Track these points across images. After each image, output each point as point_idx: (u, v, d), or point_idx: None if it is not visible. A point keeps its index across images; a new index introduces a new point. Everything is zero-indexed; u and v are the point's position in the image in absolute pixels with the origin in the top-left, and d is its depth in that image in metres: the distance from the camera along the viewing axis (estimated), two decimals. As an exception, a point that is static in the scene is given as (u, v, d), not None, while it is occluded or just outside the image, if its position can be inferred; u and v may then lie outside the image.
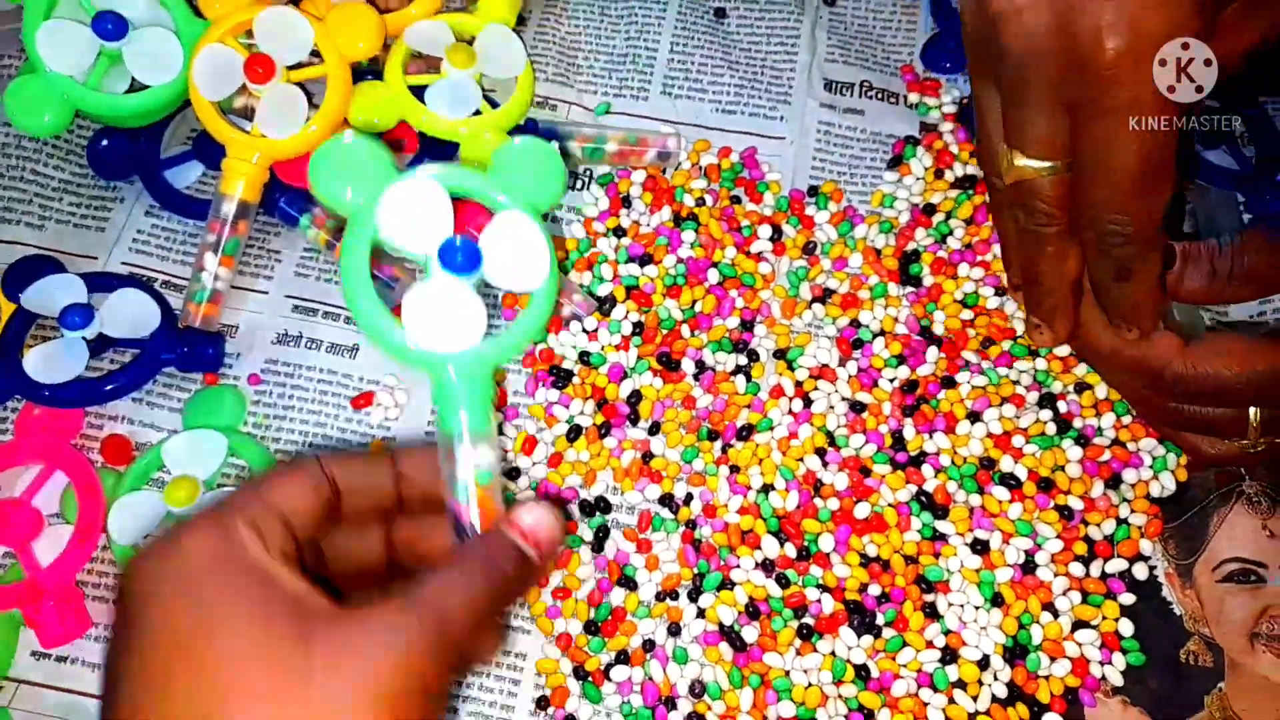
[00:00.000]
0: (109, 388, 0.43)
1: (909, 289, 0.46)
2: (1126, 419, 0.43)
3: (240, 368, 0.45)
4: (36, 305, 0.43)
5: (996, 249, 0.46)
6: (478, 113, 0.45)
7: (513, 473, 0.43)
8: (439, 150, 0.46)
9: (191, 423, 0.43)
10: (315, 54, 0.44)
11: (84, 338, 0.42)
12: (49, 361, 0.42)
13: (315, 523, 0.27)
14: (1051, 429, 0.43)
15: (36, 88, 0.43)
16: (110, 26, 0.43)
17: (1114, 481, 0.42)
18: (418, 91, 0.45)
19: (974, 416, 0.43)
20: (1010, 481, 0.42)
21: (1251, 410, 0.36)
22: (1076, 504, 0.42)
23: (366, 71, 0.47)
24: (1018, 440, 0.43)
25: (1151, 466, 0.42)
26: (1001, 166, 0.35)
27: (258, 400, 0.44)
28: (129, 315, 0.43)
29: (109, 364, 0.44)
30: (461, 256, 0.27)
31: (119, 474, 0.42)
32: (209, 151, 0.46)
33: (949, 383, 0.44)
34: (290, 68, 0.44)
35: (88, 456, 0.42)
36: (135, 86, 0.45)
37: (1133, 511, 0.42)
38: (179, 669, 0.22)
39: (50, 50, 0.43)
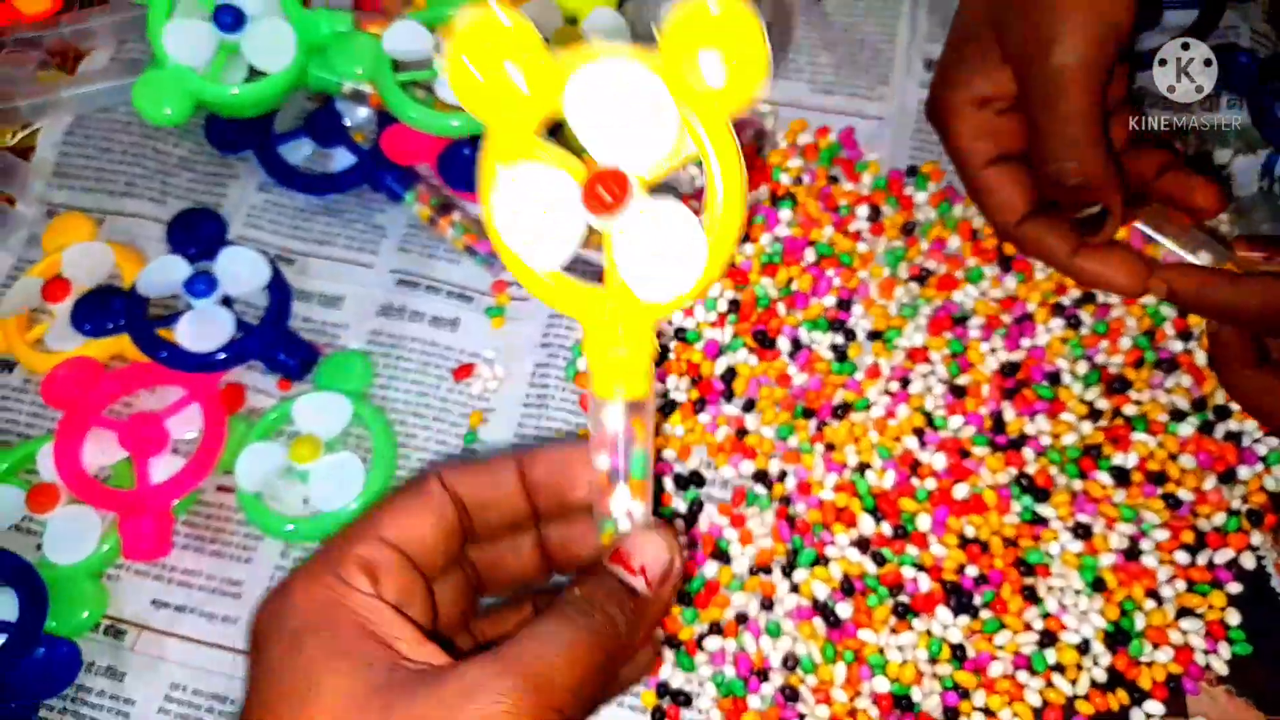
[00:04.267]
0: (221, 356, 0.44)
1: (1007, 271, 0.45)
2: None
3: (346, 339, 0.46)
4: (152, 288, 0.44)
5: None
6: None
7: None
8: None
9: (322, 384, 0.44)
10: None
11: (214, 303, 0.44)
12: (200, 330, 0.43)
13: (443, 550, 0.26)
14: (1163, 418, 0.42)
15: (162, 81, 0.46)
16: (229, 19, 0.45)
17: (1228, 476, 0.41)
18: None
19: (1086, 404, 0.42)
20: (1116, 472, 0.41)
21: None
22: (1186, 495, 0.41)
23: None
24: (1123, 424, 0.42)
25: (1264, 459, 0.41)
26: None
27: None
28: (241, 271, 0.45)
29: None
30: None
31: (250, 422, 0.44)
32: (320, 129, 0.48)
33: (1054, 378, 0.43)
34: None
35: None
36: (251, 76, 0.47)
37: (1245, 504, 0.41)
38: (284, 717, 0.23)
39: (175, 45, 0.45)
